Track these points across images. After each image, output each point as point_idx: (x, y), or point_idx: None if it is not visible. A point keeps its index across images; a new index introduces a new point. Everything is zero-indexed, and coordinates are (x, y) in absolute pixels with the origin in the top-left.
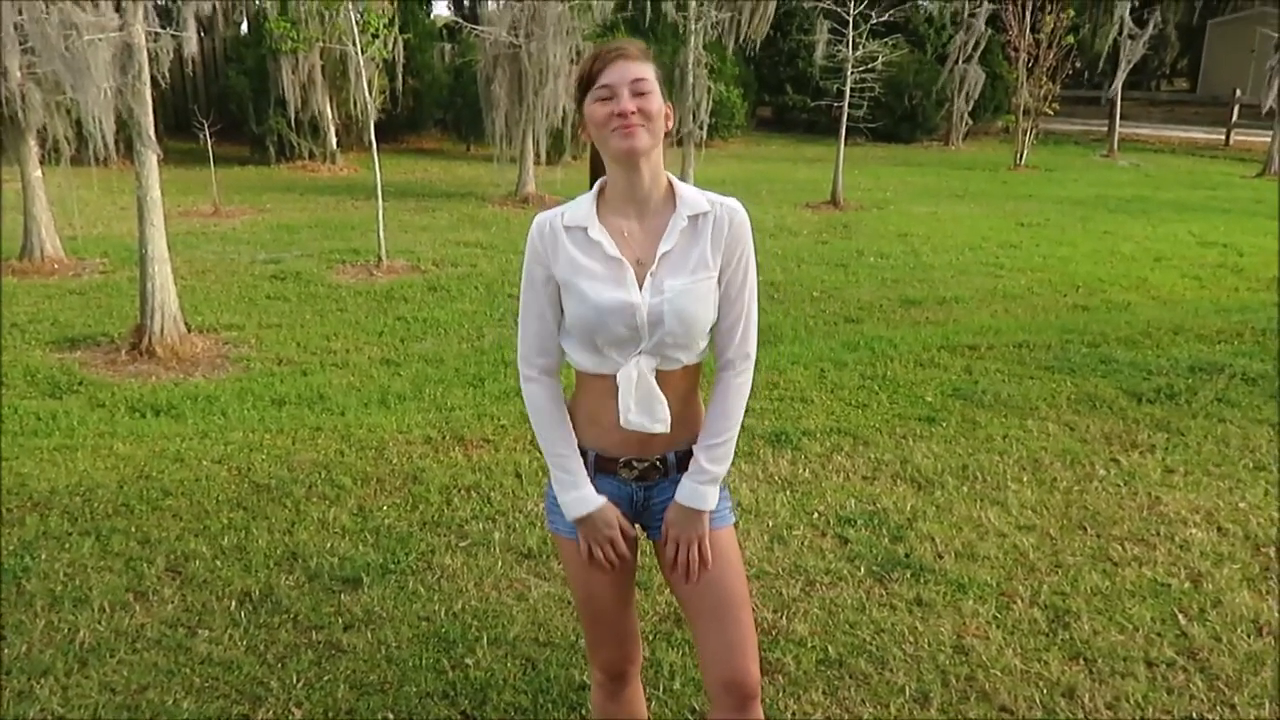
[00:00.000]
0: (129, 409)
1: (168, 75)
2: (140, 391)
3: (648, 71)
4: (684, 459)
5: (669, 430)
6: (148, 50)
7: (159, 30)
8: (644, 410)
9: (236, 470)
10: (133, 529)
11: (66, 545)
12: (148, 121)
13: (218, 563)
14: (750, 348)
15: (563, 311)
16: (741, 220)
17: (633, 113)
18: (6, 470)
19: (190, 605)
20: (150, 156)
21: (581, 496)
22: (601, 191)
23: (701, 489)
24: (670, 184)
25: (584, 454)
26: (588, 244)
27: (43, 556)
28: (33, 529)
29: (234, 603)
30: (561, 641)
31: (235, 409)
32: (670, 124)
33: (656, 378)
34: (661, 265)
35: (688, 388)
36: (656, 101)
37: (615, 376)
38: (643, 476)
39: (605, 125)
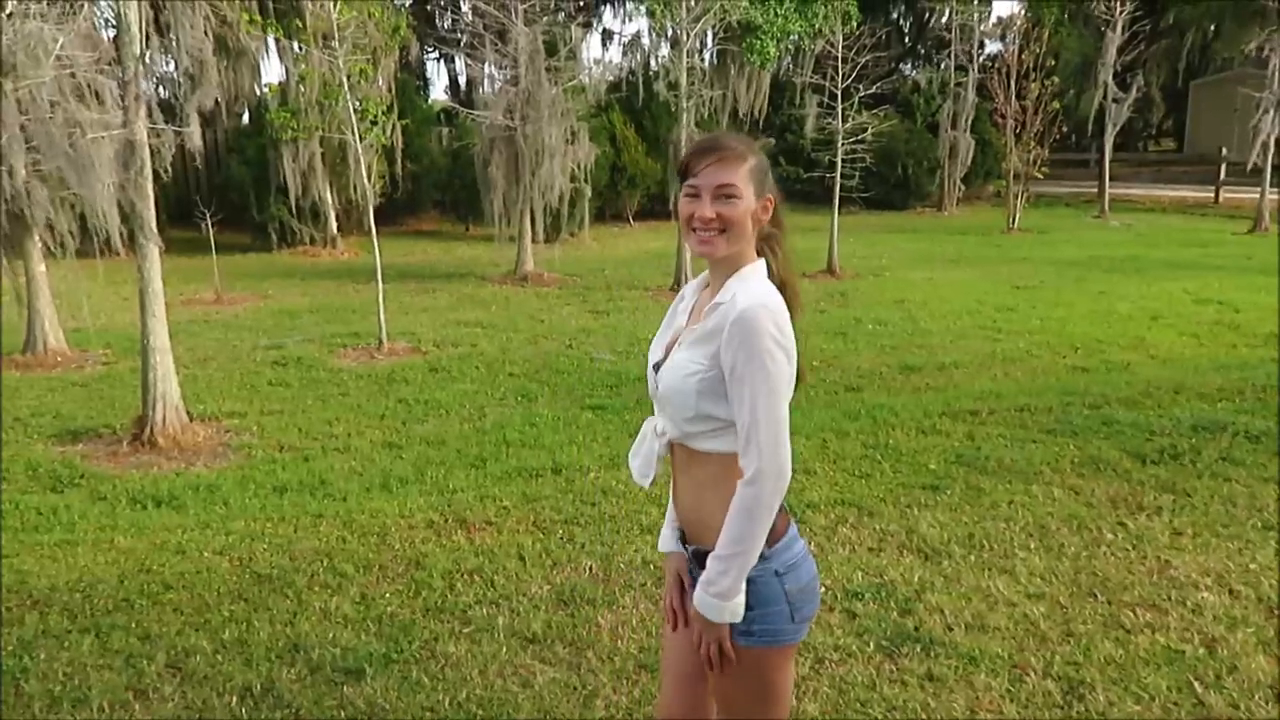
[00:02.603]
0: (130, 501)
1: (170, 169)
2: (142, 483)
3: (737, 175)
4: (703, 558)
5: (645, 486)
6: (150, 146)
7: (161, 126)
8: (636, 456)
9: (238, 561)
10: (133, 625)
11: (66, 644)
12: (149, 215)
13: (219, 657)
14: (756, 460)
15: None
16: (740, 323)
17: (711, 219)
18: (7, 567)
19: (191, 703)
20: (152, 249)
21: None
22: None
23: (705, 597)
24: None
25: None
26: (677, 308)
27: (42, 656)
28: (32, 628)
29: (235, 698)
30: None
31: (237, 498)
32: (767, 215)
33: (680, 454)
34: (684, 337)
35: (706, 479)
36: (740, 208)
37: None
38: (693, 558)
39: (687, 224)
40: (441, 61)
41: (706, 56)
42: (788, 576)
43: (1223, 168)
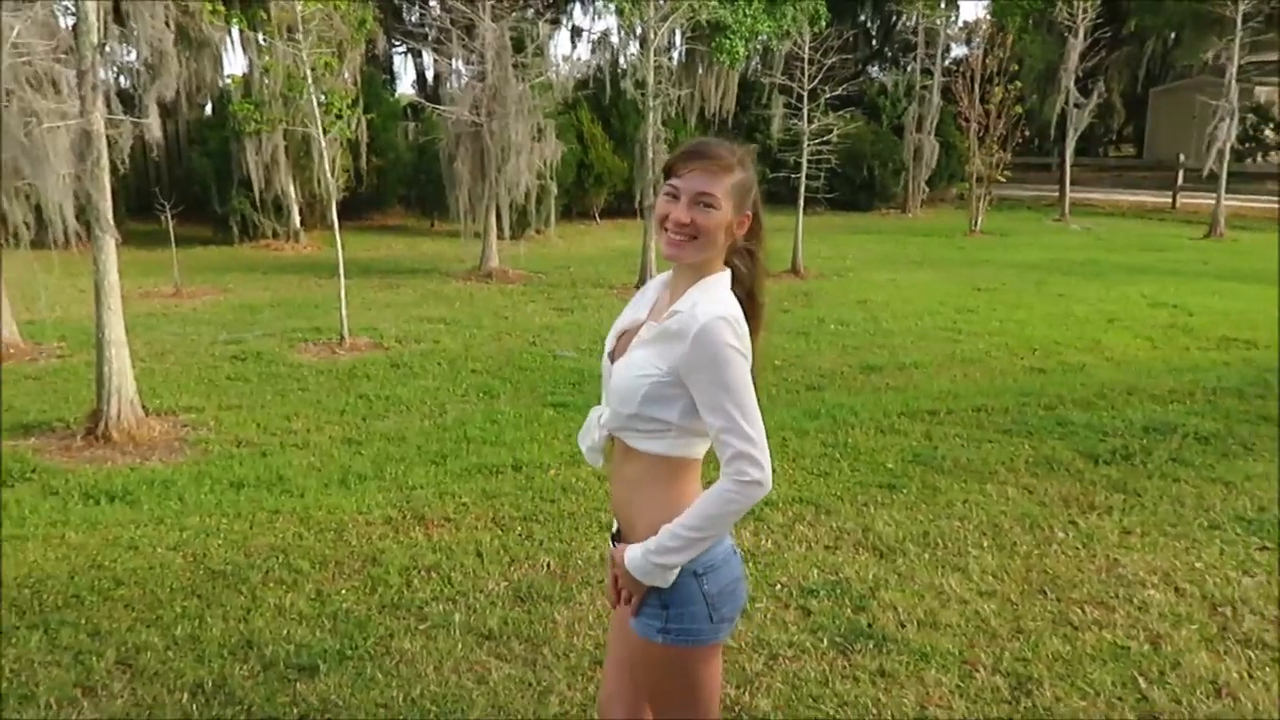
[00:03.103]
0: (83, 496)
1: (127, 160)
2: (95, 478)
3: (719, 186)
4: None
5: (598, 466)
6: (107, 136)
7: (119, 117)
8: (585, 439)
9: (192, 557)
10: (83, 621)
11: (13, 640)
12: (106, 206)
13: (170, 654)
14: (738, 464)
15: None
16: (700, 338)
17: (685, 224)
18: None
19: (140, 699)
20: (108, 241)
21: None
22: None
23: (641, 559)
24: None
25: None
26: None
27: None
28: None
29: (186, 695)
30: None
31: (192, 493)
32: (742, 230)
33: (619, 448)
34: (643, 332)
35: (635, 478)
36: (715, 219)
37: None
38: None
39: (660, 223)
40: (408, 56)
41: (675, 55)
42: (707, 577)
43: (1180, 174)
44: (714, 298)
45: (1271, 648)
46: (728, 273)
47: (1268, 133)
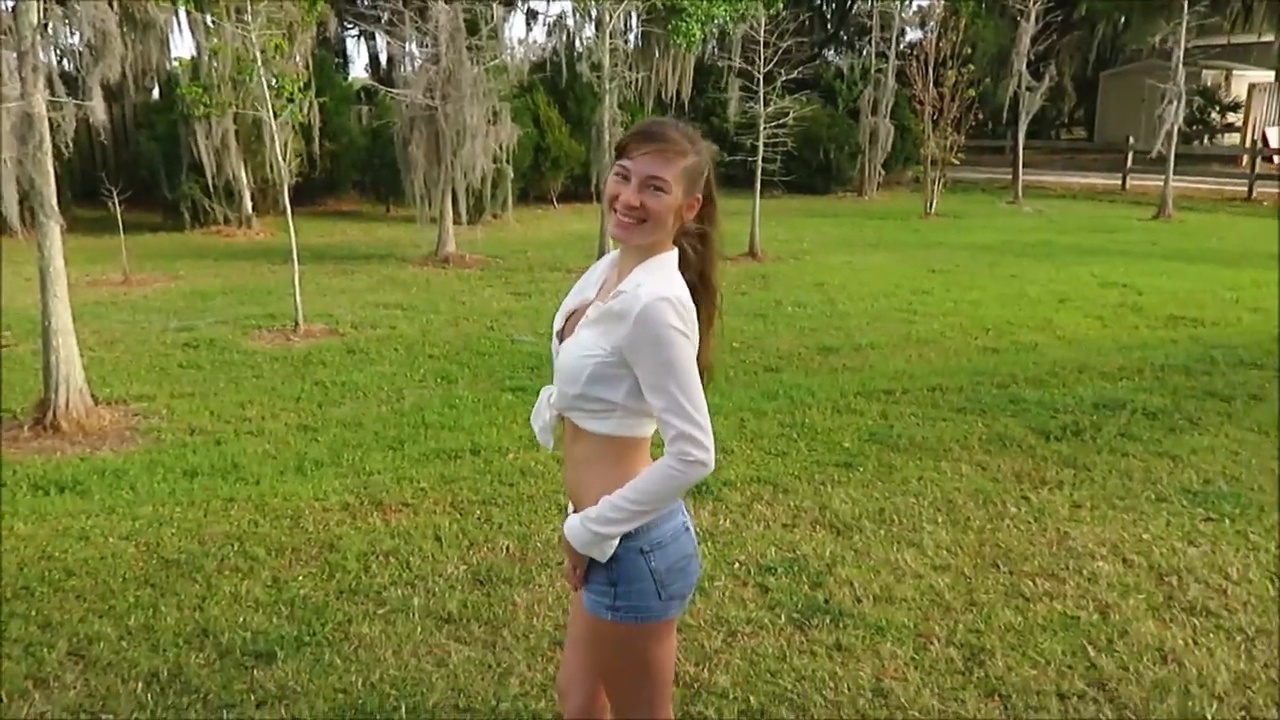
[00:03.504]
0: (31, 487)
1: (71, 144)
2: (44, 468)
3: (670, 171)
4: None
5: (549, 448)
6: (50, 120)
7: (62, 99)
8: (537, 420)
9: (145, 546)
10: (33, 613)
11: None
12: (49, 191)
13: (124, 644)
14: (680, 444)
15: None
16: (642, 319)
17: (635, 207)
18: None
19: (94, 690)
20: (53, 227)
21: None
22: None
23: (581, 528)
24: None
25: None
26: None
27: None
28: None
29: (141, 685)
30: (482, 707)
31: (144, 482)
32: (692, 214)
33: (568, 428)
34: (590, 311)
35: (582, 458)
36: (665, 202)
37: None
38: None
39: (610, 204)
40: (361, 39)
41: (631, 38)
42: (654, 554)
43: (1130, 156)
44: (658, 278)
45: (1215, 615)
46: (674, 253)
47: (1214, 115)
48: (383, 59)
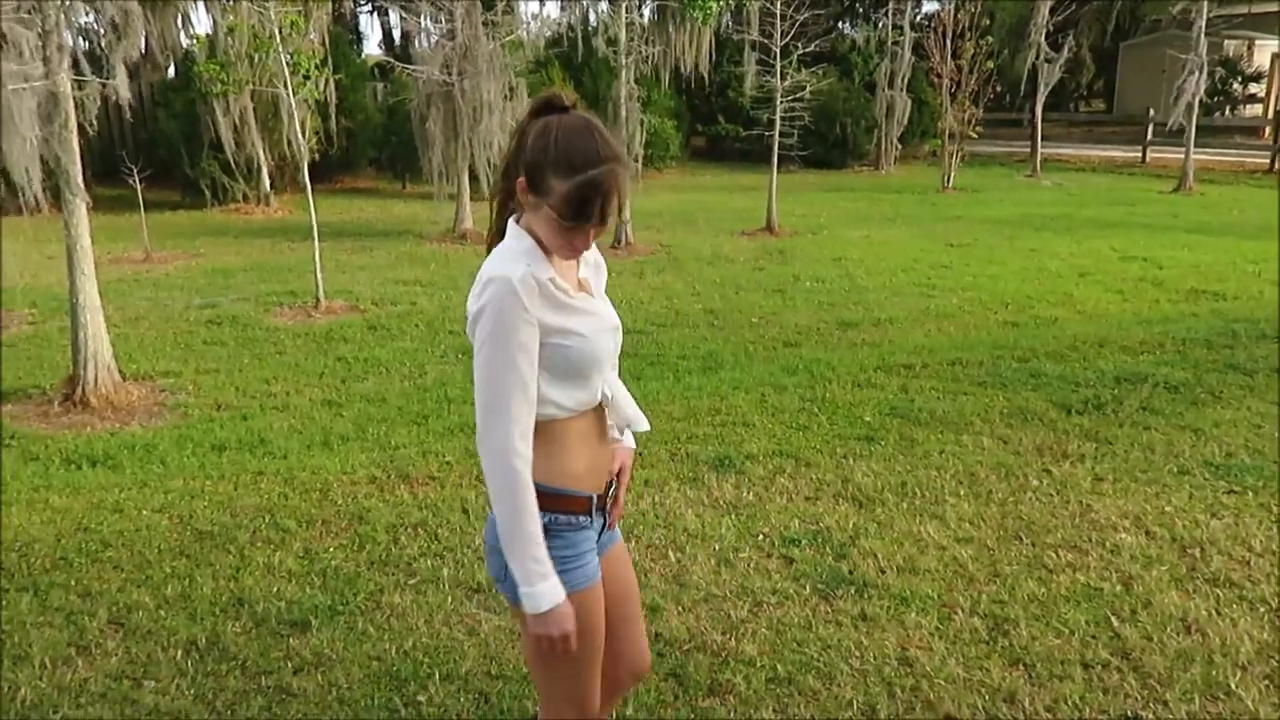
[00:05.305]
0: (64, 461)
1: (95, 123)
2: (75, 443)
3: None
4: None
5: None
6: (74, 98)
7: (87, 78)
8: (631, 407)
9: (178, 518)
10: (72, 582)
11: (4, 602)
12: (75, 170)
13: (162, 612)
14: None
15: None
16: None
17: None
18: None
19: (135, 657)
20: (79, 205)
21: (555, 588)
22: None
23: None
24: None
25: (586, 501)
26: (556, 288)
27: None
28: None
29: (180, 652)
30: (514, 674)
31: (174, 457)
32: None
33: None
34: (598, 292)
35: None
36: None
37: (598, 404)
38: (603, 504)
39: (565, 239)
40: (375, 15)
41: (646, 12)
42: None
43: (1150, 128)
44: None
45: (1238, 586)
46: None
47: (1235, 86)
48: (397, 35)
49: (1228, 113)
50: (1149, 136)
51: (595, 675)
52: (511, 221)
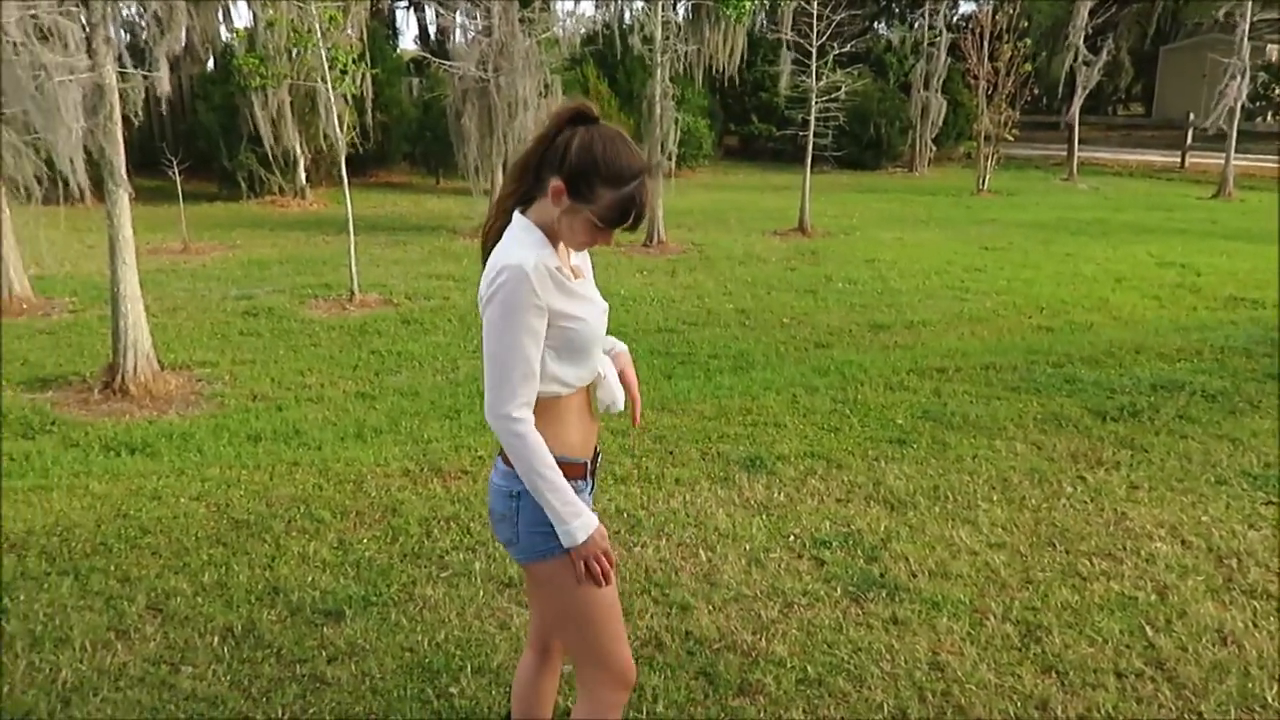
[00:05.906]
0: (103, 448)
1: (139, 114)
2: (114, 430)
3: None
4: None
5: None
6: (119, 90)
7: (131, 70)
8: (617, 386)
9: (214, 507)
10: (112, 568)
11: (45, 585)
12: (119, 161)
13: (199, 599)
14: None
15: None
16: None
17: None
18: None
19: (173, 642)
20: (122, 195)
21: (589, 518)
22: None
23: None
24: None
25: (583, 466)
26: (560, 275)
27: (21, 597)
28: (10, 570)
29: (216, 638)
30: None
31: (211, 446)
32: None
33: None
34: (588, 278)
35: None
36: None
37: (591, 382)
38: (594, 469)
39: (592, 237)
40: (411, 10)
41: (681, 10)
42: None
43: (1189, 133)
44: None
45: (1275, 598)
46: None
47: (1278, 91)
48: (432, 31)
49: (1270, 118)
50: (1188, 141)
51: (620, 624)
52: (518, 214)
